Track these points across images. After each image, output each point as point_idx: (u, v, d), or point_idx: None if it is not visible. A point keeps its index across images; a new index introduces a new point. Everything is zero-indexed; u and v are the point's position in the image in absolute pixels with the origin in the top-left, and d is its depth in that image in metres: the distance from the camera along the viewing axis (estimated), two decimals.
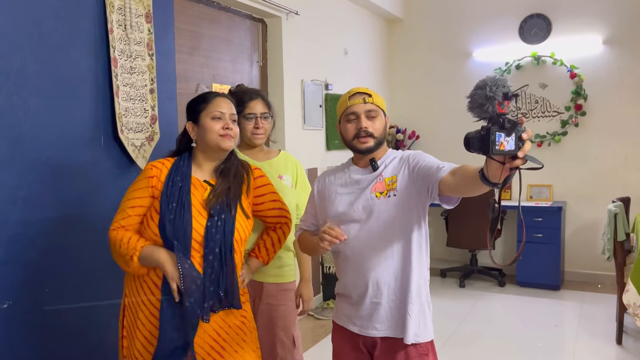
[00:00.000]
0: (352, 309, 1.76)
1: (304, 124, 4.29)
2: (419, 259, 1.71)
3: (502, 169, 1.24)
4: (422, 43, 5.74)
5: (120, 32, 2.39)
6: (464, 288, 5.02)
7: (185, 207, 1.70)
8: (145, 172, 1.77)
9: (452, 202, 1.63)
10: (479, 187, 1.38)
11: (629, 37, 4.85)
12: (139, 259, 1.67)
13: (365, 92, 1.74)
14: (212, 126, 1.75)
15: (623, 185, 4.90)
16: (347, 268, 1.76)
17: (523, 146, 1.19)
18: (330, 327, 4.00)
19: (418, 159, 1.70)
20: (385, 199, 1.68)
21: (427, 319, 1.72)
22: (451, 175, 1.54)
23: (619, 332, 3.57)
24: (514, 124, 1.18)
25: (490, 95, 1.22)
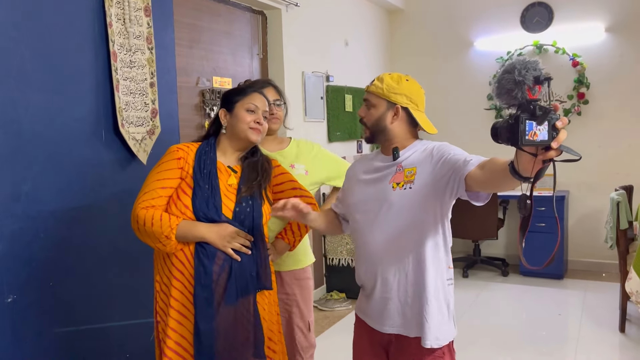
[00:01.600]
0: (367, 302, 1.74)
1: (305, 116, 4.29)
2: (435, 258, 1.62)
3: (534, 162, 1.12)
4: (423, 33, 5.72)
5: (120, 26, 2.39)
6: (468, 278, 5.03)
7: (215, 190, 1.76)
8: (171, 154, 1.81)
9: (482, 198, 1.51)
10: (509, 182, 1.26)
11: (632, 25, 4.82)
12: (176, 236, 1.70)
13: (378, 78, 1.71)
14: (245, 117, 1.83)
15: (626, 173, 4.89)
16: (360, 259, 1.75)
17: (557, 136, 1.07)
18: (334, 318, 4.06)
19: (443, 151, 1.59)
20: (401, 190, 1.61)
21: (447, 320, 1.65)
22: (479, 169, 1.42)
23: (622, 320, 3.57)
24: (546, 111, 1.07)
25: (520, 80, 1.11)
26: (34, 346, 2.11)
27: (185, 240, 1.72)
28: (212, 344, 1.71)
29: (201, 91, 3.39)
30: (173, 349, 1.74)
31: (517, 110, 1.12)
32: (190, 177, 1.77)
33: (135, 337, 2.53)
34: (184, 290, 1.75)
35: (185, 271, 1.75)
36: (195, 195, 1.74)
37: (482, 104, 5.38)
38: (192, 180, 1.77)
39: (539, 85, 1.11)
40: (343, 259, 4.46)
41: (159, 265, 1.83)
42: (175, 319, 1.75)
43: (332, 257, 4.50)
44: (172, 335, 1.75)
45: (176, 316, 1.75)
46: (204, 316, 1.71)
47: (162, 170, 1.78)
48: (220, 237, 1.72)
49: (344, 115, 4.79)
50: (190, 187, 1.76)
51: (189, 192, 1.75)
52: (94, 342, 2.35)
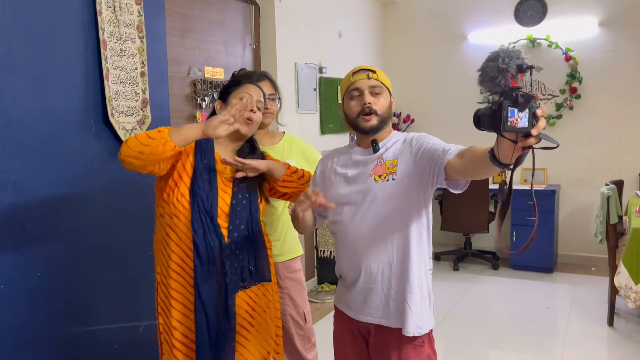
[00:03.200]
0: (347, 292, 1.74)
1: (298, 108, 4.27)
2: (419, 247, 1.64)
3: (514, 149, 1.16)
4: (416, 26, 5.70)
5: (110, 14, 2.35)
6: (458, 271, 5.05)
7: (212, 182, 1.76)
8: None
9: (460, 186, 1.56)
10: (488, 169, 1.31)
11: (625, 20, 4.82)
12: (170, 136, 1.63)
13: (369, 68, 1.69)
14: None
15: (617, 168, 4.92)
16: (342, 250, 1.74)
17: (537, 124, 1.10)
18: (324, 310, 4.07)
19: (422, 142, 1.62)
20: (383, 182, 1.63)
21: (428, 309, 1.67)
22: (458, 158, 1.47)
23: (611, 313, 3.60)
24: (527, 99, 1.10)
25: (503, 68, 1.14)
26: (21, 336, 2.09)
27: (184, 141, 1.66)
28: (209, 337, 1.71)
29: (193, 81, 3.36)
30: (181, 340, 1.74)
31: (499, 97, 1.14)
32: (189, 163, 1.76)
33: (123, 328, 2.52)
34: (185, 283, 1.74)
35: (185, 265, 1.74)
36: (196, 184, 1.73)
37: (475, 97, 5.36)
38: (190, 167, 1.75)
39: (521, 74, 1.15)
40: (334, 251, 4.46)
41: (158, 257, 1.81)
42: (179, 310, 1.74)
43: (323, 249, 4.50)
44: (178, 326, 1.74)
45: (180, 308, 1.74)
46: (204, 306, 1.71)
47: None
48: (206, 126, 1.66)
49: (336, 107, 4.77)
50: (188, 174, 1.75)
51: (186, 179, 1.74)
52: (81, 333, 2.33)
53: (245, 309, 1.81)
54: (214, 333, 1.72)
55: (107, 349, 2.45)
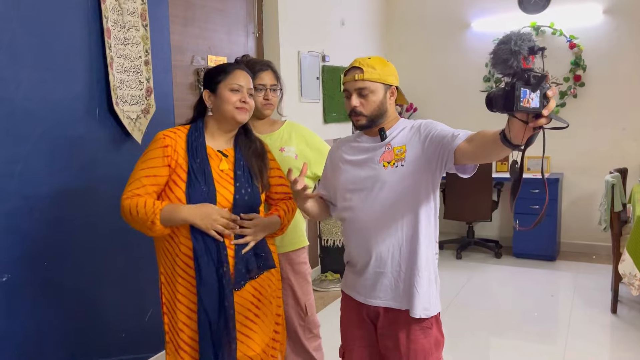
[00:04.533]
0: (356, 278, 1.76)
1: (301, 97, 4.25)
2: (427, 231, 1.68)
3: (525, 129, 1.19)
4: (420, 14, 5.65)
5: (113, 2, 2.34)
6: (461, 260, 5.06)
7: (208, 179, 1.73)
8: (157, 142, 1.74)
9: (469, 170, 1.59)
10: (499, 151, 1.34)
11: (630, 6, 4.78)
12: (161, 221, 1.66)
13: (359, 66, 1.67)
14: (230, 97, 1.77)
15: (621, 156, 4.90)
16: (351, 236, 1.76)
17: (548, 104, 1.13)
18: (328, 298, 4.08)
19: (430, 128, 1.64)
20: (393, 169, 1.66)
21: (435, 291, 1.71)
22: (468, 143, 1.49)
23: (614, 301, 3.61)
24: (540, 79, 1.12)
25: (515, 50, 1.16)
26: (29, 324, 2.10)
27: (170, 223, 1.69)
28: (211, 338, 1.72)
29: (196, 70, 3.34)
30: (188, 342, 1.74)
31: (512, 78, 1.17)
32: (180, 168, 1.72)
33: (130, 316, 2.53)
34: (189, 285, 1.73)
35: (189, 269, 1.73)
36: (191, 186, 1.71)
37: (478, 85, 5.35)
38: (183, 171, 1.72)
39: (532, 56, 1.18)
40: (338, 240, 4.47)
41: (161, 258, 1.80)
42: (185, 313, 1.74)
43: (326, 238, 4.51)
44: (184, 328, 1.74)
45: (185, 310, 1.74)
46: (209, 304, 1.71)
47: (147, 160, 1.73)
48: (203, 218, 1.67)
49: (340, 96, 4.75)
50: (182, 178, 1.71)
51: (180, 184, 1.71)
52: (88, 321, 2.34)
53: (251, 300, 1.81)
54: (216, 335, 1.72)
55: (114, 337, 2.46)
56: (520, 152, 1.27)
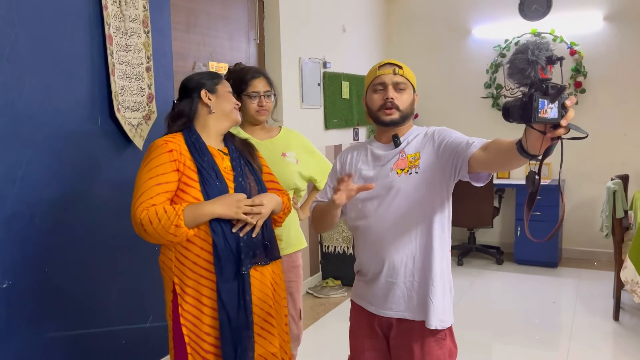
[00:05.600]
0: (367, 287, 1.74)
1: (302, 103, 4.26)
2: (441, 240, 1.65)
3: (543, 139, 1.16)
4: (421, 20, 5.67)
5: (115, 9, 2.35)
6: (462, 266, 5.05)
7: (219, 176, 1.76)
8: (160, 148, 1.71)
9: (483, 179, 1.56)
10: (515, 161, 1.31)
11: (630, 13, 4.80)
12: (185, 222, 1.65)
13: (396, 63, 1.68)
14: (230, 97, 1.87)
15: (622, 163, 4.90)
16: (364, 245, 1.73)
17: (566, 114, 1.10)
18: (329, 305, 4.07)
19: (444, 135, 1.62)
20: (407, 176, 1.63)
21: (449, 303, 1.68)
22: (482, 151, 1.47)
23: (617, 308, 3.60)
24: (559, 90, 1.10)
25: (533, 60, 1.13)
26: (30, 331, 2.09)
27: (195, 223, 1.67)
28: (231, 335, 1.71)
29: None
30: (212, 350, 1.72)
31: (529, 89, 1.14)
32: (189, 169, 1.71)
33: (131, 322, 2.53)
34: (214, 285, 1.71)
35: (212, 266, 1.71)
36: (205, 183, 1.71)
37: (479, 91, 5.36)
38: (192, 172, 1.72)
39: (550, 65, 1.15)
40: (339, 246, 4.46)
41: (173, 268, 1.73)
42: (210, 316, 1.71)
43: (327, 244, 4.50)
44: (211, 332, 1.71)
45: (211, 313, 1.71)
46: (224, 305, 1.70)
47: (153, 167, 1.69)
48: (230, 206, 1.69)
49: (340, 102, 4.76)
50: (193, 178, 1.71)
51: (193, 183, 1.71)
52: (89, 327, 2.34)
53: (271, 296, 1.82)
54: (235, 331, 1.71)
55: (115, 344, 2.45)
56: (537, 162, 1.24)
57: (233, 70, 2.27)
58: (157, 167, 1.69)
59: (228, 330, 1.70)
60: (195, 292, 1.71)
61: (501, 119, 1.27)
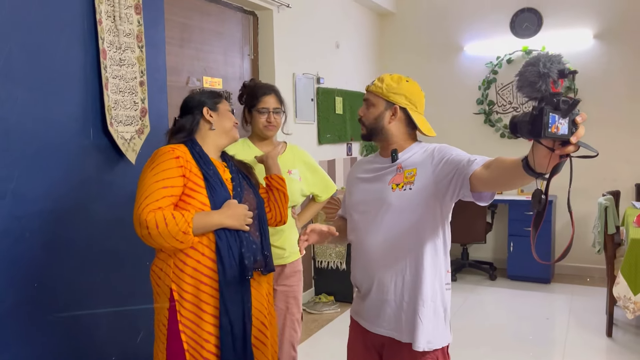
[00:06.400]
0: (361, 303, 1.73)
1: (296, 118, 4.27)
2: (434, 261, 1.61)
3: (551, 157, 1.10)
4: (413, 37, 5.73)
5: (109, 24, 2.35)
6: (456, 282, 5.04)
7: (224, 184, 1.81)
8: (167, 154, 1.75)
9: (485, 198, 1.49)
10: (519, 179, 1.25)
11: (620, 31, 4.87)
12: (193, 230, 1.68)
13: (378, 78, 1.71)
14: (231, 115, 1.95)
15: (613, 179, 4.93)
16: (357, 259, 1.73)
17: (577, 131, 1.05)
18: (322, 321, 4.04)
19: (444, 152, 1.59)
20: (400, 191, 1.60)
21: (443, 324, 1.64)
22: (485, 169, 1.41)
23: (609, 324, 3.59)
24: (571, 105, 1.04)
25: (544, 72, 1.08)
26: (17, 347, 2.06)
27: (203, 231, 1.71)
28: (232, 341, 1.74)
29: (191, 91, 3.35)
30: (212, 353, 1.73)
31: (539, 103, 1.08)
32: (195, 176, 1.76)
33: (121, 339, 2.49)
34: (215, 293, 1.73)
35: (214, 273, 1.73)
36: (212, 190, 1.76)
37: (472, 108, 5.40)
38: (198, 178, 1.76)
39: (562, 79, 1.10)
40: (332, 262, 4.44)
41: (171, 274, 1.73)
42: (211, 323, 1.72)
43: (320, 259, 4.48)
44: (211, 339, 1.72)
45: (212, 320, 1.72)
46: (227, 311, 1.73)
47: (160, 171, 1.71)
48: (237, 218, 1.76)
49: (334, 118, 4.77)
50: (199, 184, 1.76)
51: (200, 190, 1.75)
52: (79, 344, 2.30)
53: (266, 306, 1.86)
54: (238, 337, 1.73)
55: None
56: (545, 181, 1.18)
57: (247, 85, 2.42)
58: (163, 172, 1.71)
59: (229, 336, 1.72)
60: (194, 298, 1.72)
61: (493, 134, 1.26)
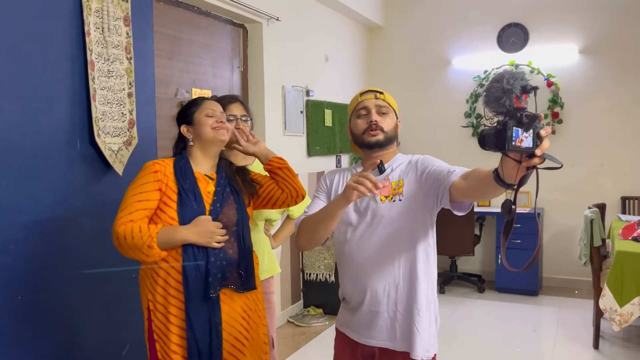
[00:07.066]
0: (351, 315, 1.72)
1: (285, 130, 4.28)
2: (426, 269, 1.64)
3: (518, 168, 1.17)
4: (402, 51, 5.78)
5: (98, 35, 2.35)
6: (444, 294, 5.04)
7: (198, 197, 1.79)
8: (147, 169, 1.81)
9: (464, 208, 1.55)
10: (492, 190, 1.32)
11: (604, 47, 4.95)
12: (158, 244, 1.69)
13: (377, 90, 1.72)
14: (206, 120, 1.87)
15: (599, 192, 4.99)
16: (346, 272, 1.72)
17: (541, 144, 1.12)
18: (310, 334, 4.01)
19: (427, 163, 1.64)
20: (390, 203, 1.63)
21: (434, 333, 1.67)
22: (463, 179, 1.48)
23: (596, 336, 3.61)
24: (532, 119, 1.11)
25: (508, 88, 1.14)
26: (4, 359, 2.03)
27: (168, 245, 1.72)
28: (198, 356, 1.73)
29: (180, 102, 3.35)
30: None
31: (504, 117, 1.15)
32: (170, 190, 1.78)
33: (107, 352, 2.46)
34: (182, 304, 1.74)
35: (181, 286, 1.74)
36: (182, 205, 1.76)
37: (460, 121, 5.45)
38: (173, 192, 1.78)
39: (525, 95, 1.15)
40: (321, 274, 4.43)
41: (147, 285, 1.79)
42: (177, 334, 1.74)
43: (309, 271, 4.47)
44: (178, 350, 1.74)
45: (178, 331, 1.75)
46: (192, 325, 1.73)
47: (138, 186, 1.78)
48: (202, 235, 1.73)
49: (323, 130, 4.79)
50: (172, 199, 1.77)
51: (172, 204, 1.77)
52: (65, 355, 2.27)
53: (241, 322, 1.82)
54: (204, 352, 1.72)
55: None
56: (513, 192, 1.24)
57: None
58: (140, 186, 1.78)
59: (196, 351, 1.72)
60: (164, 309, 1.75)
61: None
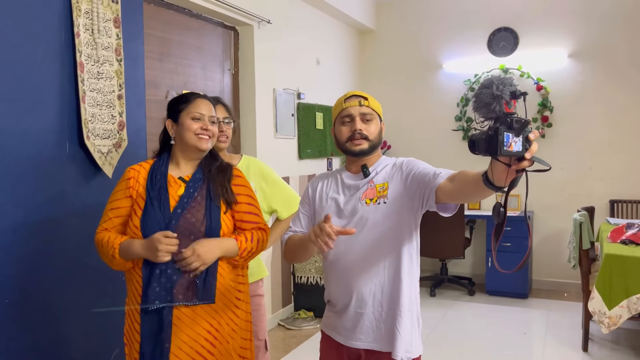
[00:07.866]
0: (336, 318, 1.73)
1: (276, 133, 4.27)
2: (410, 271, 1.65)
3: (508, 172, 1.19)
4: (393, 54, 5.80)
5: (88, 37, 2.34)
6: (435, 297, 5.05)
7: (164, 206, 1.75)
8: (123, 176, 1.85)
9: (450, 209, 1.57)
10: (480, 192, 1.33)
11: (593, 51, 5.00)
12: (120, 255, 1.73)
13: (361, 95, 1.72)
14: (191, 125, 1.80)
15: (588, 195, 5.03)
16: (332, 275, 1.73)
17: (530, 147, 1.14)
18: (301, 337, 4.01)
19: (412, 166, 1.65)
20: (375, 206, 1.64)
21: (417, 334, 1.68)
22: (449, 182, 1.49)
23: (585, 339, 3.63)
24: (523, 124, 1.13)
25: (497, 94, 1.17)
26: None
27: (128, 258, 1.75)
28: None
29: None
30: None
31: (494, 122, 1.17)
32: (140, 197, 1.78)
33: (95, 355, 2.44)
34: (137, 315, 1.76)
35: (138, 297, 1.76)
36: (146, 214, 1.74)
37: (450, 124, 5.47)
38: (142, 200, 1.78)
39: (514, 100, 1.18)
40: (311, 277, 4.42)
41: (128, 289, 1.83)
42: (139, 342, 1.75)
43: (300, 275, 4.46)
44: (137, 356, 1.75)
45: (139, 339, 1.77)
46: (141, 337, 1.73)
47: (113, 194, 1.84)
48: (150, 250, 1.66)
49: (314, 133, 4.79)
50: (140, 207, 1.77)
51: (139, 212, 1.77)
52: None
53: (205, 336, 1.74)
54: None
55: None
56: (503, 194, 1.26)
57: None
58: (114, 194, 1.84)
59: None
60: (132, 315, 1.78)
61: None
